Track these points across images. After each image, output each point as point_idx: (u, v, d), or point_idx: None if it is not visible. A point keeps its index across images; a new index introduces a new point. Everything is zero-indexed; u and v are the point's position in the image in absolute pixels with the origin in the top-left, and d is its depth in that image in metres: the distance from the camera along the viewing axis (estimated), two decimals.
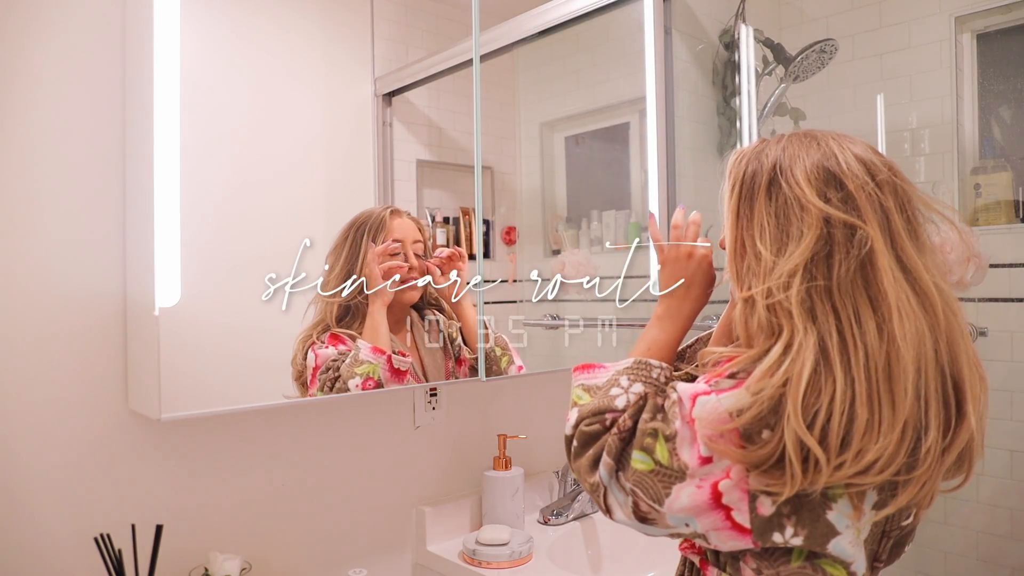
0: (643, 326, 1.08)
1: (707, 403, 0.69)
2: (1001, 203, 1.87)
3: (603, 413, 0.79)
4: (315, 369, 1.20)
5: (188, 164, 1.04)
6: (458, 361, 1.42)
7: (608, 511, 0.77)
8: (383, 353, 1.23)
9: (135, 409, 1.08)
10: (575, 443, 0.81)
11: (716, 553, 0.79)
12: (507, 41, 1.57)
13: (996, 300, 1.80)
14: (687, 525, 0.71)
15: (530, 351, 1.50)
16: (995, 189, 1.88)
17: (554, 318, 1.64)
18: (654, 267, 1.72)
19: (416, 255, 1.32)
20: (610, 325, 1.76)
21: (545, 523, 1.52)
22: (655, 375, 0.82)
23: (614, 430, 0.77)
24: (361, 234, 1.27)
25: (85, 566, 1.02)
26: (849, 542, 0.70)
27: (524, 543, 1.33)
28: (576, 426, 0.81)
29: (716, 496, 0.69)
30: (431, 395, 1.45)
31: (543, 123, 1.71)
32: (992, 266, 1.60)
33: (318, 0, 1.28)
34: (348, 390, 1.20)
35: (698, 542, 0.75)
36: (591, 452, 0.78)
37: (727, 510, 0.69)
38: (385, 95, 1.37)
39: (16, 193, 1.01)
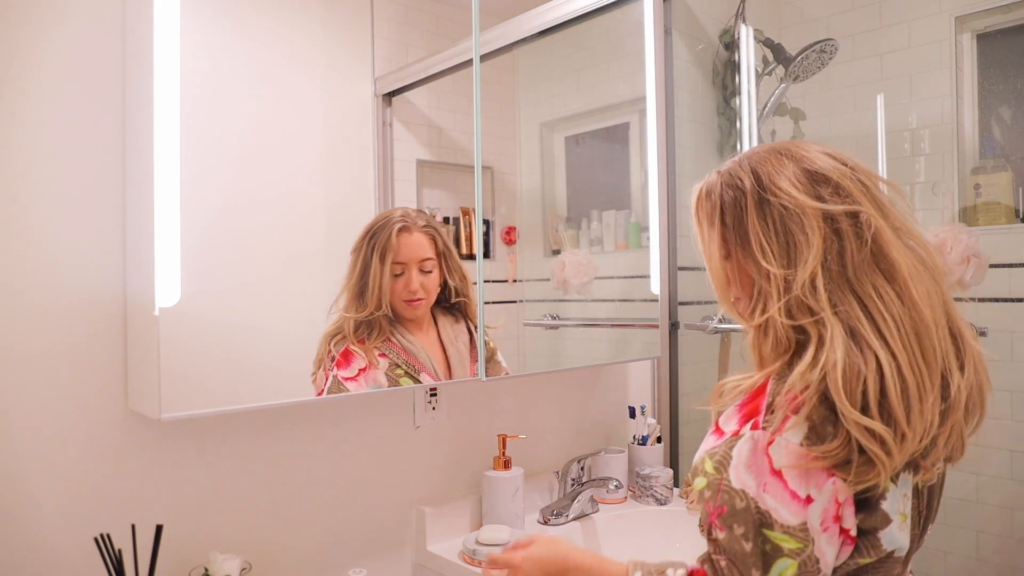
0: (643, 326, 1.06)
1: (779, 448, 0.69)
2: (1001, 203, 1.87)
3: None
4: (319, 392, 1.22)
5: (188, 164, 1.04)
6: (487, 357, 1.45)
7: None
8: None
9: (135, 409, 1.08)
10: None
11: None
12: (507, 41, 1.57)
13: (996, 300, 1.80)
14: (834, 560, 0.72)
15: (530, 351, 1.50)
16: (995, 189, 1.87)
17: (554, 318, 1.64)
18: (655, 268, 1.72)
19: (424, 271, 1.33)
20: (610, 325, 1.77)
21: (545, 523, 1.52)
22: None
23: None
24: (372, 249, 1.29)
25: (85, 566, 1.02)
26: (898, 528, 0.72)
27: None
28: None
29: (842, 529, 0.70)
30: (431, 395, 1.45)
31: (543, 123, 1.71)
32: (992, 266, 1.60)
33: (318, 0, 1.28)
34: None
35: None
36: None
37: (847, 532, 0.71)
38: (385, 95, 1.37)
39: (16, 193, 1.01)
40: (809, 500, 0.68)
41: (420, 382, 1.33)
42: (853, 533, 0.70)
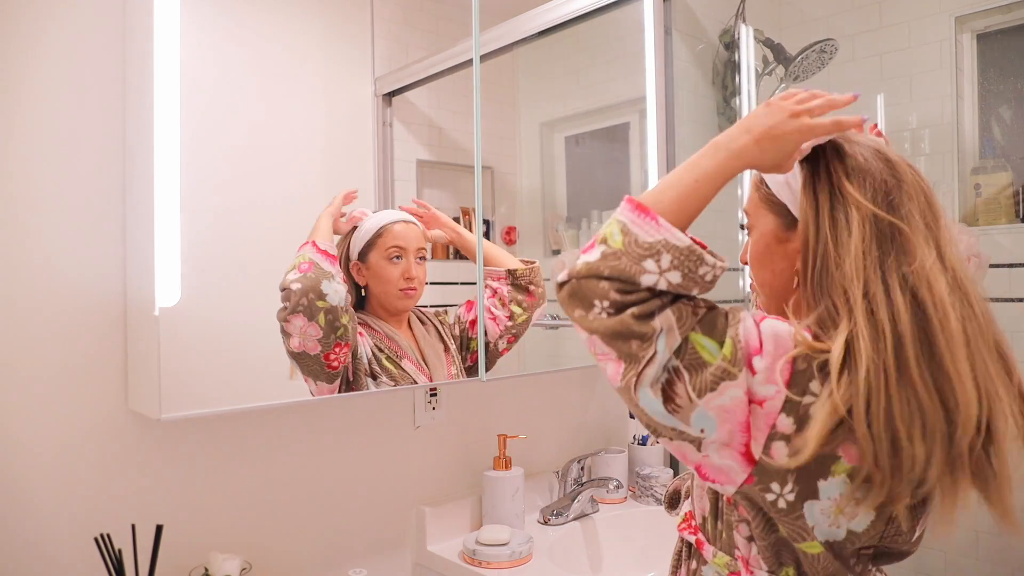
0: None
1: (778, 327, 0.70)
2: (1001, 203, 1.87)
3: (626, 282, 0.69)
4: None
5: (188, 164, 1.04)
6: (469, 356, 1.43)
7: (637, 380, 0.69)
8: (308, 242, 1.19)
9: (135, 409, 1.08)
10: (574, 283, 0.71)
11: (714, 527, 0.81)
12: (507, 41, 1.57)
13: (996, 300, 1.80)
14: (702, 431, 0.69)
15: (530, 351, 1.50)
16: (995, 189, 1.87)
17: (554, 318, 1.64)
18: None
19: (419, 260, 1.32)
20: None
21: (545, 523, 1.52)
22: (702, 272, 0.71)
23: (691, 304, 0.70)
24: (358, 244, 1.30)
25: (85, 566, 1.02)
26: (822, 511, 0.70)
27: (524, 543, 1.33)
28: (590, 272, 0.70)
29: (747, 412, 0.68)
30: (431, 395, 1.45)
31: (543, 123, 1.71)
32: (992, 266, 1.60)
33: (318, 0, 1.28)
34: (291, 289, 1.14)
35: (690, 457, 0.72)
36: (636, 310, 0.69)
37: (748, 435, 0.69)
38: (385, 95, 1.37)
39: (16, 194, 1.01)
40: (760, 350, 0.68)
41: (404, 368, 1.31)
42: (753, 451, 0.69)
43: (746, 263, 0.88)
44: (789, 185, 0.79)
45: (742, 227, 0.86)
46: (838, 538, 0.72)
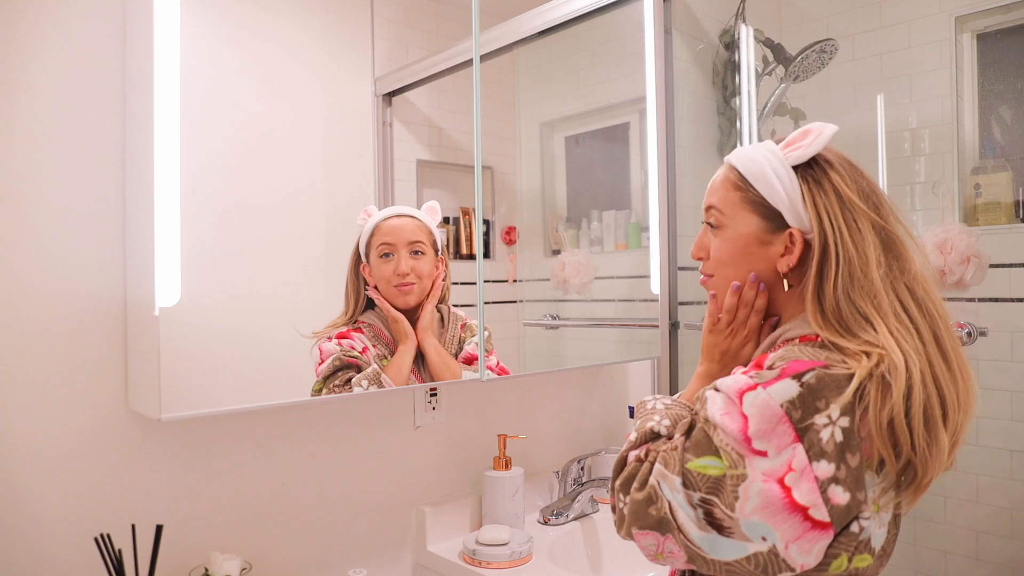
0: (643, 326, 1.05)
1: (756, 398, 0.69)
2: (1001, 203, 1.87)
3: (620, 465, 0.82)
4: (321, 361, 1.21)
5: (188, 165, 1.04)
6: (466, 360, 1.43)
7: (687, 538, 0.71)
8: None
9: (135, 409, 1.08)
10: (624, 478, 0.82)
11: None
12: (507, 41, 1.57)
13: (996, 300, 1.80)
14: (764, 539, 0.67)
15: (530, 351, 1.50)
16: (995, 189, 1.87)
17: (554, 318, 1.64)
18: (655, 268, 1.72)
19: (415, 254, 1.32)
20: (610, 325, 1.77)
21: (545, 523, 1.52)
22: (650, 407, 0.85)
23: (665, 441, 0.78)
24: (357, 249, 1.31)
25: (85, 566, 1.02)
26: (871, 516, 0.71)
27: (524, 543, 1.33)
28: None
29: (787, 493, 0.66)
30: (431, 395, 1.45)
31: (543, 123, 1.71)
32: (992, 266, 1.60)
33: (318, 0, 1.28)
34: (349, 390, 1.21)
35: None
36: (627, 473, 0.80)
37: (803, 510, 0.66)
38: (385, 95, 1.37)
39: (16, 194, 1.01)
40: (763, 453, 0.67)
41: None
42: (820, 518, 0.66)
43: (699, 259, 0.88)
44: (780, 191, 0.79)
45: (708, 224, 0.87)
46: (883, 539, 0.74)
